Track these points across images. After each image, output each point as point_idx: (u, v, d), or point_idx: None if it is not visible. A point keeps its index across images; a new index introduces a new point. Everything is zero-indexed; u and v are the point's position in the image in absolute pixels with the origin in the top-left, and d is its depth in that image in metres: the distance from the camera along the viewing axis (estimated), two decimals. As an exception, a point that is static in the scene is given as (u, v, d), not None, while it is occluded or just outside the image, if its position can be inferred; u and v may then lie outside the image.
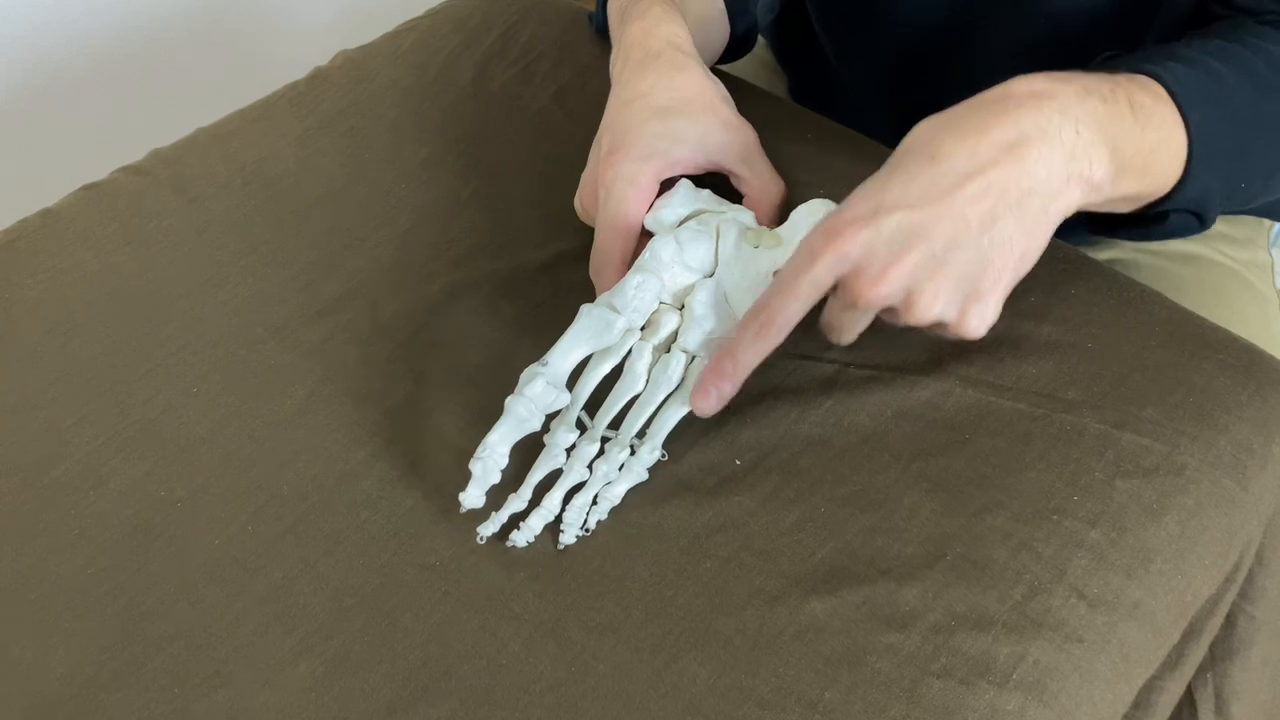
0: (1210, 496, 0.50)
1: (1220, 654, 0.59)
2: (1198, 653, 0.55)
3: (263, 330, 0.61)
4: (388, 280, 0.63)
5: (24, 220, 0.69)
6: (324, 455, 0.55)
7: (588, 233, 0.64)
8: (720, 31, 0.68)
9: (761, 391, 0.55)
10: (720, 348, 0.50)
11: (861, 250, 0.46)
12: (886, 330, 0.55)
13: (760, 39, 0.94)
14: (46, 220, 0.68)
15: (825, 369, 0.55)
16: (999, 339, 0.56)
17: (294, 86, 0.77)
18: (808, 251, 0.47)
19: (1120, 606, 0.47)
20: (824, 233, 0.47)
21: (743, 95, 0.72)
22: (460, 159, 0.69)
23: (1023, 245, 0.47)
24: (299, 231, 0.66)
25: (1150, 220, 0.53)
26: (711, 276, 0.55)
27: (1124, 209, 0.52)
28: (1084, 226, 0.54)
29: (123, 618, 0.50)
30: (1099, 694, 0.46)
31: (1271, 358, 0.55)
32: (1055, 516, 0.49)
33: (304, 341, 0.60)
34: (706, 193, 0.59)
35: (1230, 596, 0.55)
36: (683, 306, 0.55)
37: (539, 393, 0.51)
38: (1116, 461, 0.51)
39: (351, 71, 0.77)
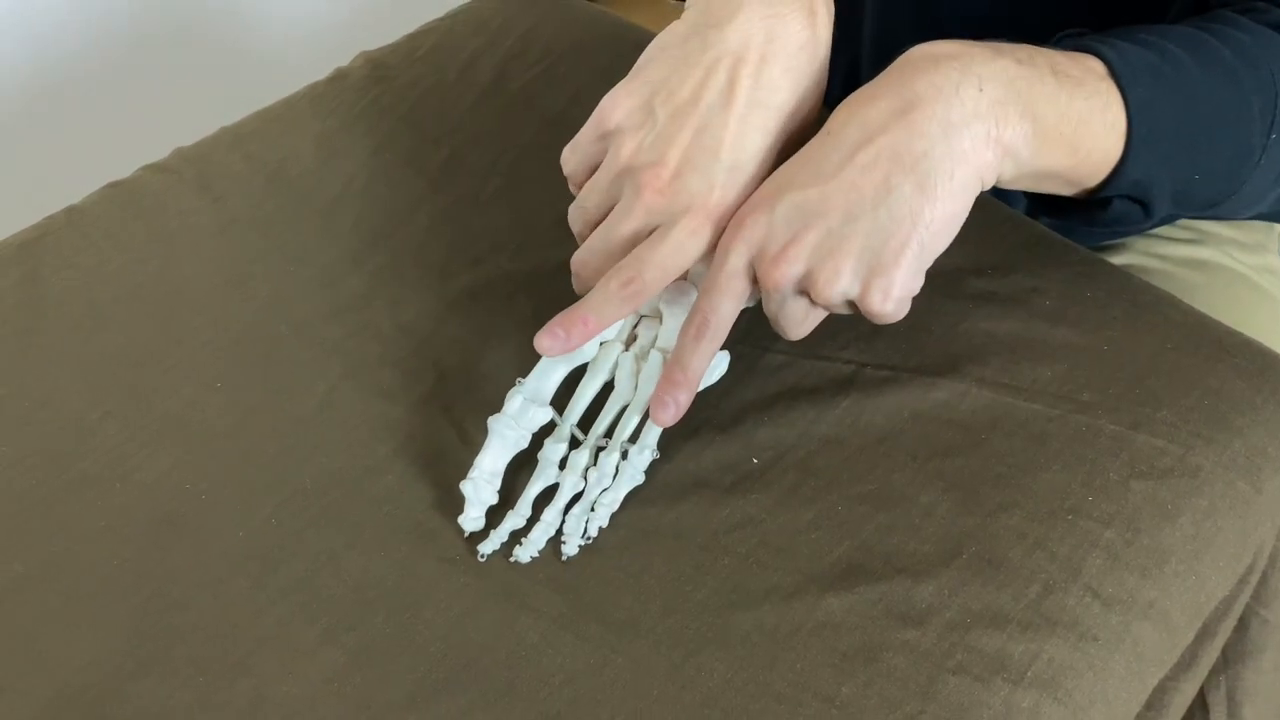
0: (1224, 498, 0.51)
1: (1233, 657, 0.60)
2: (1211, 654, 0.56)
3: (285, 327, 0.62)
4: (408, 278, 0.64)
5: (50, 217, 0.69)
6: (346, 450, 0.56)
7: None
8: None
9: (779, 391, 0.56)
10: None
11: (762, 233, 0.47)
12: (903, 332, 0.56)
13: None
14: (72, 217, 0.69)
15: (843, 370, 0.56)
16: (1015, 341, 0.56)
17: (315, 87, 0.77)
18: (722, 245, 0.48)
19: (1135, 606, 0.48)
20: (732, 224, 0.48)
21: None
22: (480, 159, 0.70)
23: (927, 213, 0.44)
24: (321, 230, 0.67)
25: (1094, 206, 0.51)
26: (682, 279, 0.57)
27: (1065, 191, 0.50)
28: (1087, 227, 0.53)
29: (148, 608, 0.51)
30: (1113, 692, 0.46)
31: (1286, 361, 0.56)
32: (1070, 516, 0.50)
33: (326, 338, 0.61)
34: None
35: (1244, 598, 0.55)
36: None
37: (517, 409, 0.53)
38: (1131, 463, 0.51)
39: (372, 72, 0.77)
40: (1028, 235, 0.62)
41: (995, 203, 0.62)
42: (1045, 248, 0.61)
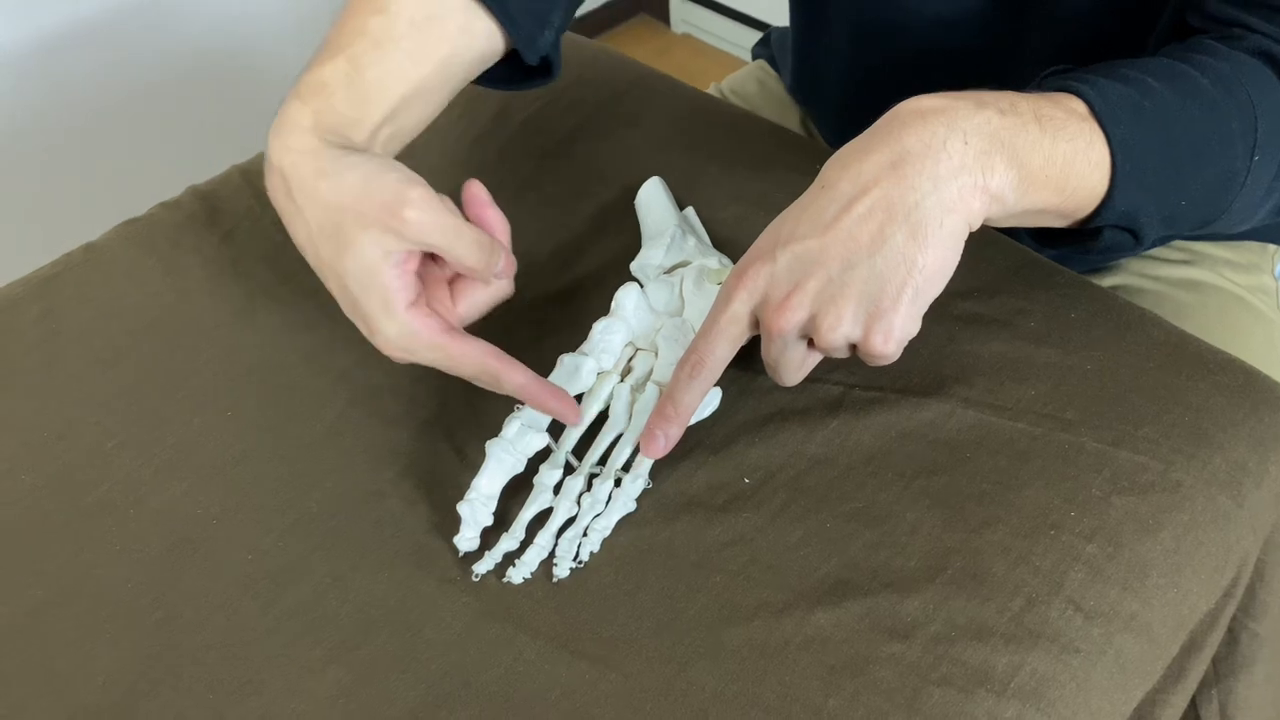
0: (1206, 513, 0.52)
1: (1224, 670, 0.60)
2: (1199, 667, 0.56)
3: (294, 356, 0.64)
4: (413, 308, 0.65)
5: (69, 254, 0.72)
6: (351, 475, 0.57)
7: (603, 260, 0.67)
8: (475, 56, 0.60)
9: (770, 412, 0.57)
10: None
11: (765, 283, 0.49)
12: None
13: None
14: (90, 254, 0.72)
15: (831, 391, 0.57)
16: (1000, 361, 0.58)
17: (324, 124, 0.80)
18: (724, 292, 0.50)
19: (1116, 618, 0.49)
20: (735, 272, 0.50)
21: (756, 133, 0.74)
22: (483, 192, 0.72)
23: (919, 259, 0.47)
24: (329, 262, 0.69)
25: (1086, 236, 0.53)
26: (679, 316, 0.59)
27: (1057, 224, 0.52)
28: (1082, 253, 0.55)
29: (161, 629, 0.52)
30: (1095, 703, 0.47)
31: (1268, 378, 0.57)
32: (1053, 531, 0.51)
33: (333, 367, 0.63)
34: (692, 242, 0.62)
35: (1229, 611, 0.56)
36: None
37: (515, 434, 0.55)
38: (1113, 478, 0.52)
39: (379, 109, 0.80)
40: (1014, 259, 0.63)
41: (983, 228, 0.63)
42: (1031, 270, 0.62)
